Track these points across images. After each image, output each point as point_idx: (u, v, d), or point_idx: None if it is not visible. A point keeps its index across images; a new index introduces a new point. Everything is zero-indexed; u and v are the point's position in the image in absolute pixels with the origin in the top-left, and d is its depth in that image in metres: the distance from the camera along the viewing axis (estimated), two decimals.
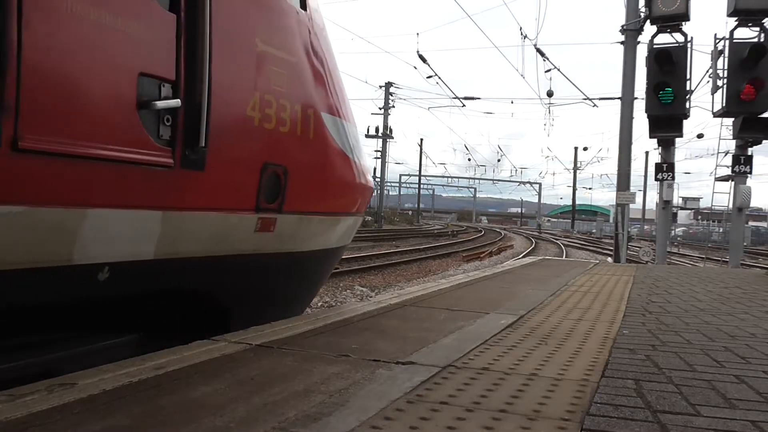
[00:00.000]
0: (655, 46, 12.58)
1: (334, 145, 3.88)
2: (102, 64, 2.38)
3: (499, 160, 76.83)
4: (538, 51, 19.97)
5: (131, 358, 2.35)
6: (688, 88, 12.60)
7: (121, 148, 2.45)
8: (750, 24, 12.34)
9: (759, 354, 2.93)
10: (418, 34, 31.29)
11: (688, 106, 12.74)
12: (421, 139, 68.55)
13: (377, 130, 43.01)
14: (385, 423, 1.73)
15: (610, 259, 20.45)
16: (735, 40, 12.28)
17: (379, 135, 43.55)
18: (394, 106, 41.87)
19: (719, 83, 12.47)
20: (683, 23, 12.50)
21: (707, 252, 20.87)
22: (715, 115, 12.80)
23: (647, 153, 52.88)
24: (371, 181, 4.66)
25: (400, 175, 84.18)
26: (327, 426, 1.69)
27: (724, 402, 2.10)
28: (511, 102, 64.73)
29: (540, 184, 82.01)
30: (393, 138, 45.06)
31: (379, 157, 46.92)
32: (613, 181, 26.19)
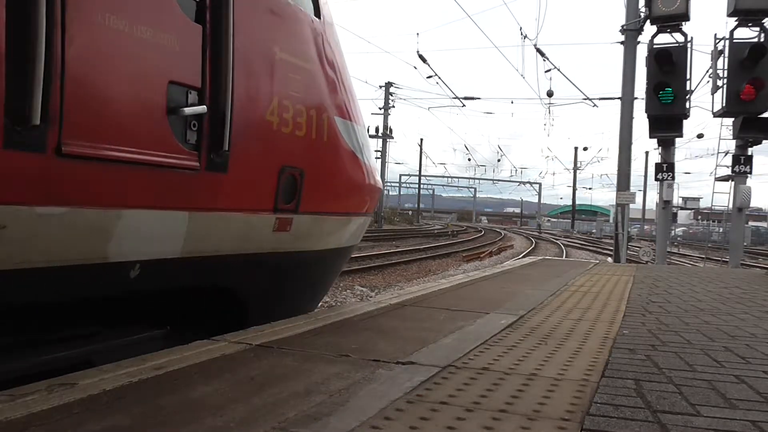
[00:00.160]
0: (655, 46, 12.58)
1: (346, 147, 4.01)
2: (136, 73, 2.51)
3: (499, 160, 76.94)
4: (538, 51, 19.98)
5: (131, 358, 2.36)
6: (688, 88, 12.60)
7: (153, 152, 2.58)
8: (750, 24, 12.35)
9: (759, 354, 2.93)
10: (418, 34, 31.28)
11: (688, 106, 12.75)
12: (421, 139, 68.73)
13: (377, 130, 42.98)
14: (385, 423, 1.73)
15: (610, 259, 20.46)
16: (735, 40, 12.29)
17: (379, 135, 43.51)
18: (394, 106, 41.88)
19: (719, 83, 12.48)
20: (683, 23, 12.51)
21: (707, 252, 20.86)
22: (715, 115, 12.80)
23: (647, 153, 52.93)
24: (380, 182, 4.78)
25: (400, 175, 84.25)
26: (327, 426, 1.69)
27: (724, 402, 2.10)
28: (511, 102, 64.55)
29: (540, 184, 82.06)
30: (393, 138, 45.05)
31: (379, 157, 46.89)
32: (613, 181, 26.22)
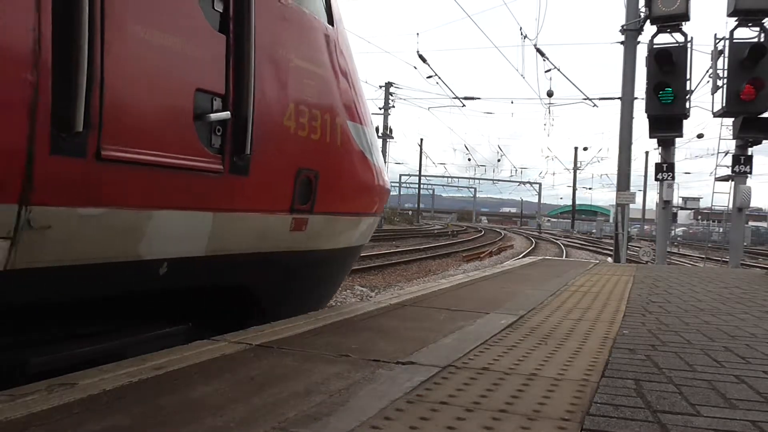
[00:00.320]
0: (655, 46, 12.58)
1: (357, 150, 4.17)
2: (166, 82, 2.67)
3: (499, 160, 76.91)
4: (538, 51, 20.00)
5: (131, 358, 2.36)
6: (688, 88, 12.60)
7: (182, 156, 2.72)
8: (750, 24, 12.35)
9: (759, 354, 2.93)
10: (418, 34, 31.40)
11: (688, 106, 12.75)
12: (421, 139, 68.66)
13: (377, 130, 43.01)
14: (385, 423, 1.73)
15: (610, 259, 20.46)
16: (735, 40, 12.29)
17: (380, 135, 43.54)
18: (394, 106, 41.91)
19: (719, 83, 12.49)
20: (683, 23, 12.51)
21: (707, 252, 20.85)
22: (715, 115, 12.80)
23: (647, 153, 52.89)
24: (388, 182, 4.94)
25: (400, 175, 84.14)
26: (327, 426, 1.69)
27: (724, 402, 2.10)
28: (511, 102, 64.63)
29: (540, 184, 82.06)
30: (393, 138, 45.03)
31: None
32: (613, 181, 26.22)
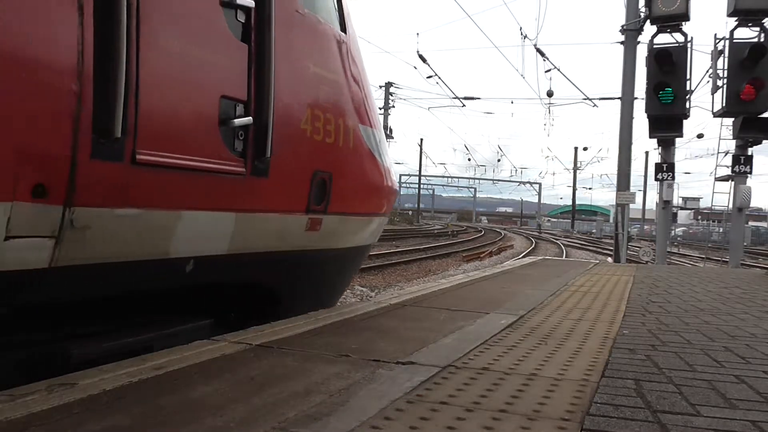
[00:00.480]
0: (655, 46, 12.58)
1: (368, 152, 4.33)
2: (194, 90, 2.81)
3: (499, 160, 76.92)
4: (538, 51, 20.01)
5: (131, 358, 2.36)
6: (688, 88, 12.60)
7: (208, 159, 2.86)
8: (750, 24, 12.35)
9: (759, 354, 2.93)
10: (418, 34, 31.36)
11: (688, 106, 12.75)
12: (421, 139, 68.64)
13: None
14: (385, 423, 1.73)
15: (610, 259, 20.46)
16: (735, 40, 12.29)
17: None
18: (394, 106, 41.83)
19: (719, 83, 12.48)
20: (683, 23, 12.50)
21: (707, 252, 20.86)
22: (715, 115, 12.80)
23: (647, 153, 52.83)
24: (396, 183, 5.11)
25: (400, 175, 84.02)
26: (327, 426, 1.69)
27: (724, 402, 2.10)
28: (511, 102, 64.48)
29: (540, 184, 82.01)
30: (393, 138, 44.98)
31: None
32: (613, 181, 26.21)
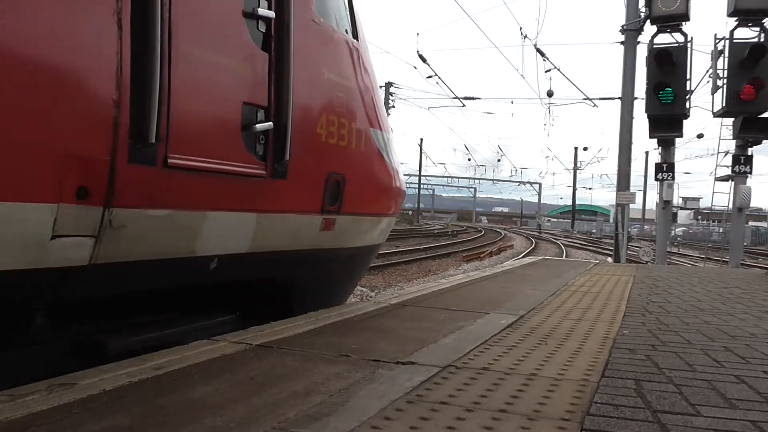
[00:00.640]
0: (655, 46, 12.57)
1: (378, 155, 4.46)
2: (220, 97, 2.95)
3: (499, 160, 76.77)
4: (538, 51, 19.99)
5: (131, 358, 2.36)
6: (688, 88, 12.59)
7: (232, 162, 2.99)
8: (750, 24, 12.34)
9: (759, 354, 2.93)
10: (418, 34, 31.30)
11: (688, 106, 12.74)
12: (421, 139, 68.54)
13: None
14: (385, 423, 1.74)
15: (610, 259, 20.45)
16: (735, 40, 12.28)
17: None
18: (394, 106, 41.78)
19: (719, 83, 12.48)
20: (683, 23, 12.50)
21: (707, 252, 20.86)
22: (715, 115, 12.80)
23: (647, 153, 52.81)
24: (404, 184, 5.22)
25: None
26: (327, 426, 1.69)
27: (724, 402, 2.10)
28: (511, 102, 64.22)
29: (540, 184, 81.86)
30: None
31: None
32: (613, 181, 26.19)
